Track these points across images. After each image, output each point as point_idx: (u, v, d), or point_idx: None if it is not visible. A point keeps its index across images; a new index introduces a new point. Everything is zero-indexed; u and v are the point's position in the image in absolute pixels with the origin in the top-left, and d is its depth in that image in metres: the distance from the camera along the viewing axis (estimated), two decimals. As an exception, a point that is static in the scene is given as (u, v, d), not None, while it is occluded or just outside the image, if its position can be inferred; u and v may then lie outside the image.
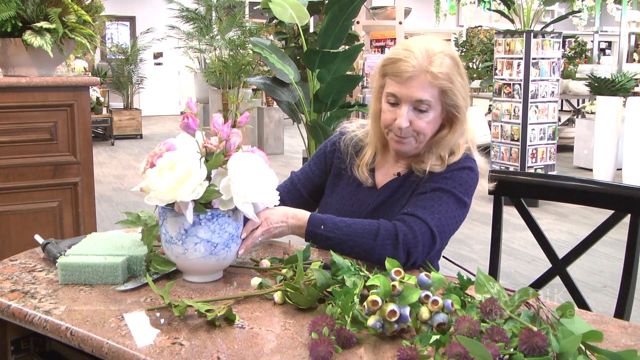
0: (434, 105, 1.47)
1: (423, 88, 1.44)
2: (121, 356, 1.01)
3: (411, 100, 1.46)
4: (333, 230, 1.42)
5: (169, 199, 1.19)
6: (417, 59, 1.44)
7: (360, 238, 1.40)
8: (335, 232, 1.42)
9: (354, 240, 1.41)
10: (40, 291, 1.25)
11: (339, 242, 1.42)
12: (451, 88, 1.46)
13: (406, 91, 1.46)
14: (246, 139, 8.54)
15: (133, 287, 1.27)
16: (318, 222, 1.43)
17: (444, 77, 1.44)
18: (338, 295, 1.08)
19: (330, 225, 1.43)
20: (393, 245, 1.40)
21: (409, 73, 1.44)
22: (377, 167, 1.63)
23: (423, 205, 1.46)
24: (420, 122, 1.48)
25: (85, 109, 2.54)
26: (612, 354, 0.87)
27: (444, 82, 1.45)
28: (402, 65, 1.45)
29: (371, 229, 1.41)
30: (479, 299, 1.04)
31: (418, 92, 1.45)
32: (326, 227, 1.43)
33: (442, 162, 1.54)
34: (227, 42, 8.45)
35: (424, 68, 1.44)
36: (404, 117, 1.47)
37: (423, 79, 1.44)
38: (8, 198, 2.46)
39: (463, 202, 1.50)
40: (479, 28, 11.69)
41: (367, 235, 1.40)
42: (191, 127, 1.27)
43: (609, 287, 3.79)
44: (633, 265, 1.53)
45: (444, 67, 1.45)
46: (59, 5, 2.41)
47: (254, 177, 1.25)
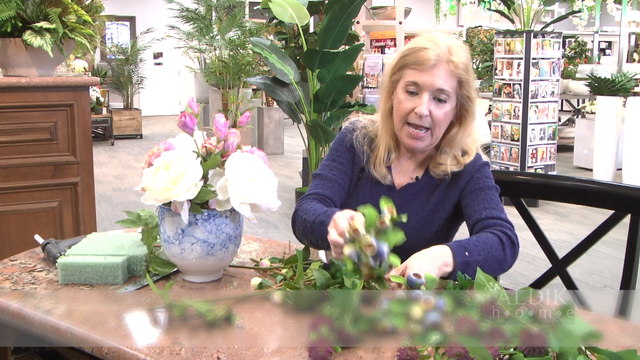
0: (451, 96, 1.49)
1: (445, 77, 1.47)
2: (121, 356, 1.01)
3: (432, 89, 1.47)
4: (475, 253, 1.36)
5: (164, 198, 1.19)
6: (441, 49, 1.48)
7: (495, 251, 1.40)
8: (481, 253, 1.36)
9: (492, 255, 1.39)
10: (40, 291, 1.25)
11: (482, 264, 1.34)
12: (468, 80, 1.50)
13: (428, 79, 1.47)
14: (246, 139, 8.55)
15: (133, 290, 1.27)
16: (460, 250, 1.34)
17: (463, 68, 1.48)
18: (337, 296, 1.08)
19: (471, 247, 1.36)
20: (513, 251, 1.43)
21: (432, 61, 1.46)
22: (393, 165, 1.61)
23: (494, 206, 1.51)
24: (439, 112, 1.49)
25: (85, 109, 2.54)
26: (612, 354, 0.88)
27: (463, 73, 1.49)
28: (426, 53, 1.47)
29: (496, 241, 1.41)
30: (479, 299, 1.04)
31: (440, 81, 1.47)
32: (470, 253, 1.35)
33: (458, 162, 1.56)
34: (227, 42, 8.45)
35: (446, 58, 1.47)
36: (425, 105, 1.47)
37: (445, 68, 1.47)
38: (8, 198, 2.46)
39: (500, 191, 1.58)
40: (479, 28, 11.68)
41: (497, 247, 1.40)
42: (188, 126, 1.27)
43: (608, 287, 3.79)
44: (633, 265, 1.53)
45: (463, 58, 1.49)
46: (59, 5, 2.41)
47: (252, 177, 1.24)
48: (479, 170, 1.56)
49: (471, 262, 1.33)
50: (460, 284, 1.21)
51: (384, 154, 1.59)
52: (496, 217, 1.48)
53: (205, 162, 1.24)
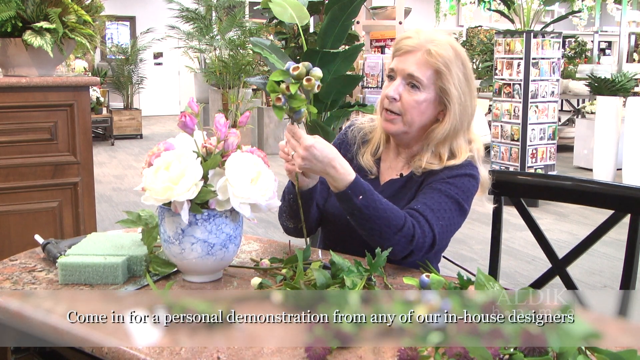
0: (426, 85, 1.50)
1: (417, 64, 1.49)
2: (121, 356, 1.01)
3: (404, 74, 1.50)
4: (368, 206, 1.37)
5: (164, 198, 1.19)
6: (419, 38, 1.51)
7: (386, 227, 1.38)
8: (370, 209, 1.37)
9: (380, 225, 1.38)
10: (40, 291, 1.25)
11: (365, 218, 1.38)
12: (446, 72, 1.49)
13: (401, 65, 1.51)
14: (246, 139, 8.54)
15: (133, 290, 1.27)
16: (359, 190, 1.38)
17: (440, 60, 1.48)
18: (334, 297, 1.08)
19: (369, 200, 1.37)
20: (406, 245, 1.40)
21: (407, 47, 1.50)
22: (382, 158, 1.64)
23: (432, 206, 1.46)
24: (409, 97, 1.50)
25: (85, 109, 2.54)
26: (612, 354, 0.88)
27: (440, 64, 1.48)
28: (404, 41, 1.52)
29: (398, 222, 1.39)
30: (479, 299, 1.04)
31: (411, 67, 1.49)
32: (364, 198, 1.37)
33: (440, 161, 1.54)
34: (227, 42, 8.44)
35: (422, 46, 1.49)
36: (394, 87, 1.51)
37: (419, 56, 1.49)
38: (8, 198, 2.46)
39: (464, 210, 1.52)
40: (479, 28, 11.68)
41: (393, 226, 1.38)
42: (189, 126, 1.27)
43: (608, 287, 3.79)
44: (633, 265, 1.53)
45: (443, 52, 1.49)
46: (59, 5, 2.41)
47: (252, 177, 1.24)
48: (456, 177, 1.52)
49: (354, 204, 1.37)
50: (461, 284, 1.21)
51: (374, 146, 1.64)
52: (424, 216, 1.44)
53: (205, 162, 1.24)
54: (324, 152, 1.35)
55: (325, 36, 4.29)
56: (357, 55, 4.45)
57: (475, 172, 1.55)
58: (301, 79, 1.29)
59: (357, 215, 1.39)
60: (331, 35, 4.30)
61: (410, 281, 1.20)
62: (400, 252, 1.40)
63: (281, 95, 1.31)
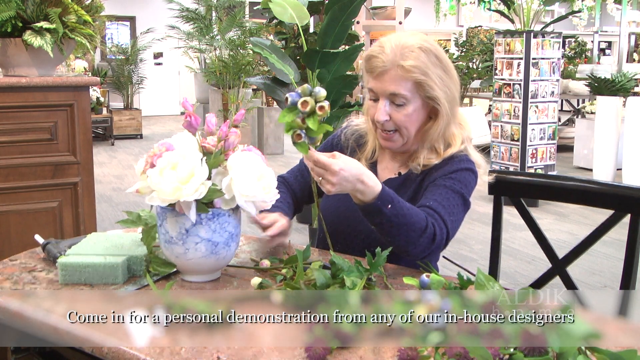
0: (410, 98, 1.48)
1: (395, 82, 1.47)
2: (121, 356, 1.01)
3: (386, 94, 1.49)
4: (397, 214, 1.35)
5: (172, 198, 1.20)
6: (388, 54, 1.47)
7: (412, 231, 1.36)
8: (399, 217, 1.35)
9: (407, 231, 1.36)
10: (40, 291, 1.25)
11: (394, 226, 1.35)
12: (425, 80, 1.47)
13: (380, 85, 1.49)
14: (246, 139, 8.54)
15: (133, 290, 1.27)
16: (387, 200, 1.34)
17: (416, 70, 1.46)
18: (334, 297, 1.08)
19: (397, 208, 1.35)
20: (428, 244, 1.40)
21: (380, 68, 1.47)
22: (379, 161, 1.65)
23: (442, 203, 1.47)
24: (399, 115, 1.50)
25: (85, 109, 2.54)
26: (612, 354, 0.88)
27: (417, 75, 1.46)
28: (374, 61, 1.49)
29: (422, 224, 1.38)
30: (479, 299, 1.04)
31: (391, 86, 1.47)
32: (393, 207, 1.34)
33: (438, 154, 1.55)
34: (227, 42, 8.44)
35: (395, 62, 1.46)
36: (381, 111, 1.50)
37: (394, 73, 1.47)
38: (8, 198, 2.46)
39: (468, 204, 1.53)
40: (479, 28, 11.68)
41: (418, 229, 1.37)
42: (194, 127, 1.28)
43: (608, 287, 3.79)
44: (633, 265, 1.53)
45: (417, 61, 1.46)
46: (59, 5, 2.41)
47: (256, 175, 1.25)
48: (456, 171, 1.53)
49: (383, 214, 1.33)
50: (461, 284, 1.21)
51: (369, 152, 1.64)
52: (438, 213, 1.44)
53: (207, 161, 1.25)
54: (352, 171, 1.31)
55: (325, 36, 4.29)
56: (357, 55, 4.44)
57: (473, 166, 1.57)
58: (313, 110, 1.25)
59: (385, 225, 1.35)
60: (331, 35, 4.30)
61: (410, 281, 1.20)
62: (422, 252, 1.40)
63: (299, 131, 1.26)
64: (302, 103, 1.23)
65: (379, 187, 1.34)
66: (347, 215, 1.58)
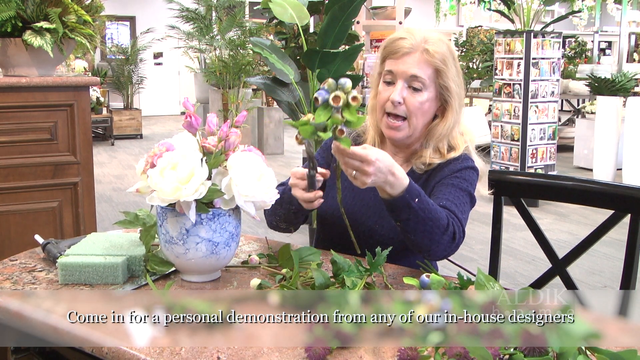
0: (428, 85, 1.51)
1: (418, 65, 1.49)
2: (121, 356, 1.01)
3: (406, 76, 1.50)
4: (424, 208, 1.33)
5: (172, 198, 1.20)
6: (415, 39, 1.51)
7: (436, 227, 1.35)
8: (425, 212, 1.33)
9: (431, 227, 1.35)
10: (40, 291, 1.25)
11: (420, 222, 1.34)
12: (445, 70, 1.51)
13: (402, 67, 1.50)
14: (246, 139, 8.54)
15: (132, 289, 1.27)
16: (415, 193, 1.33)
17: (439, 57, 1.50)
18: (334, 297, 1.08)
19: (423, 202, 1.34)
20: (449, 243, 1.39)
21: (405, 49, 1.50)
22: None
23: (455, 202, 1.47)
24: (414, 100, 1.50)
25: (85, 109, 2.54)
26: (612, 354, 0.88)
27: (439, 63, 1.50)
28: (400, 42, 1.52)
29: (443, 221, 1.37)
30: (479, 299, 1.04)
31: (413, 68, 1.49)
32: (420, 201, 1.33)
33: (441, 155, 1.56)
34: (227, 42, 8.44)
35: (420, 46, 1.50)
36: (398, 91, 1.50)
37: (419, 57, 1.50)
38: (8, 198, 2.46)
39: (474, 201, 1.55)
40: (479, 28, 11.68)
41: (442, 226, 1.36)
42: (194, 127, 1.28)
43: (609, 287, 3.79)
44: (633, 265, 1.53)
45: (440, 49, 1.50)
46: (59, 5, 2.41)
47: (255, 175, 1.25)
48: (460, 170, 1.54)
49: (412, 208, 1.32)
50: (461, 284, 1.21)
51: None
52: (453, 212, 1.44)
53: (207, 162, 1.25)
54: (385, 161, 1.29)
55: (325, 36, 4.29)
56: (357, 55, 4.44)
57: (474, 164, 1.58)
58: (347, 103, 1.22)
59: (411, 220, 1.34)
60: (331, 35, 4.29)
61: (410, 281, 1.20)
62: (443, 251, 1.39)
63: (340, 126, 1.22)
64: (334, 98, 1.21)
65: (407, 180, 1.34)
66: (348, 216, 1.58)
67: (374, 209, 1.57)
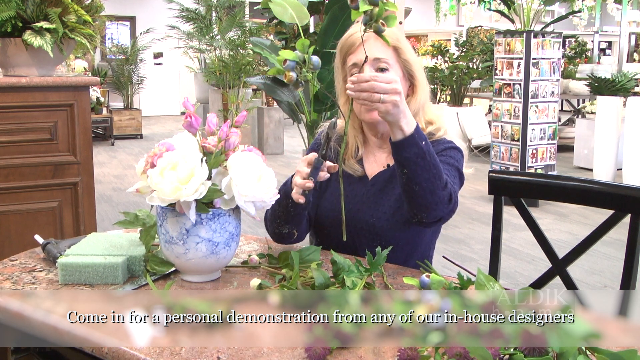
0: (392, 64, 1.54)
1: (377, 47, 1.52)
2: (121, 356, 1.01)
3: (370, 61, 1.52)
4: (430, 152, 1.36)
5: (172, 198, 1.20)
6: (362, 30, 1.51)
7: (438, 179, 1.38)
8: (431, 156, 1.36)
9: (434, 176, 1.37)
10: (40, 291, 1.25)
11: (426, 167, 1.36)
12: (401, 47, 1.55)
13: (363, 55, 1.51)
14: (246, 139, 8.54)
15: (132, 289, 1.27)
16: (422, 136, 1.36)
17: (392, 36, 1.51)
18: (334, 297, 1.08)
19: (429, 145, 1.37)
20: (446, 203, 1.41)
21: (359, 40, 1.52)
22: (364, 157, 1.65)
23: (447, 173, 1.48)
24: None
25: (85, 109, 2.54)
26: (612, 354, 0.88)
27: (395, 41, 1.53)
28: (352, 37, 1.56)
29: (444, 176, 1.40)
30: (479, 299, 1.04)
31: (374, 52, 1.52)
32: (427, 144, 1.36)
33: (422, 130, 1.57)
34: (227, 42, 8.44)
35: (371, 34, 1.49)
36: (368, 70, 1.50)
37: (374, 42, 1.52)
38: (8, 198, 2.46)
39: (463, 179, 1.57)
40: (479, 28, 11.69)
41: (443, 178, 1.39)
42: (194, 127, 1.28)
43: (609, 287, 3.79)
44: (633, 265, 1.53)
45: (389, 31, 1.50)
46: (59, 5, 2.41)
47: (255, 175, 1.25)
48: (444, 150, 1.56)
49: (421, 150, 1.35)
50: (461, 284, 1.21)
51: (352, 149, 1.64)
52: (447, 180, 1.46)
53: (207, 162, 1.25)
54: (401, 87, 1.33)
55: (325, 36, 4.29)
56: (357, 55, 4.44)
57: (456, 145, 1.61)
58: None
59: (419, 164, 1.35)
60: (331, 35, 4.29)
61: (410, 281, 1.20)
62: (441, 210, 1.41)
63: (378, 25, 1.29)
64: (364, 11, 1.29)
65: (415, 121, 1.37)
66: (345, 214, 1.58)
67: (369, 204, 1.58)
